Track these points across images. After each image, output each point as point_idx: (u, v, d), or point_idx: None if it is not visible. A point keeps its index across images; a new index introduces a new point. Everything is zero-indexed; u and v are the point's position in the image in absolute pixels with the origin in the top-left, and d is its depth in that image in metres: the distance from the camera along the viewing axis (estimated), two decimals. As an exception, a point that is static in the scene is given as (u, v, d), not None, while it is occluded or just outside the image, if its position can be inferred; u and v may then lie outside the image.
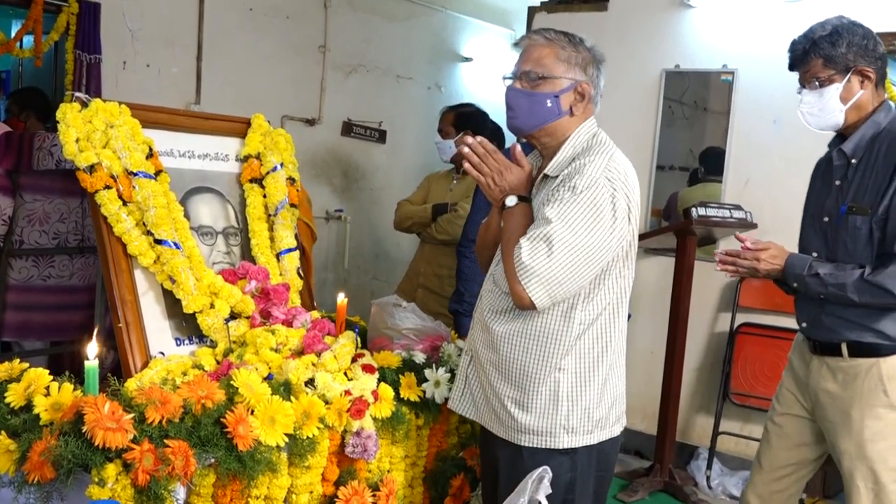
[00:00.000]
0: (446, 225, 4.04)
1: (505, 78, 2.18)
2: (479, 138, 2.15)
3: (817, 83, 2.44)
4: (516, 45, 2.22)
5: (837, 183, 2.50)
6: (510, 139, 4.49)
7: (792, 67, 2.52)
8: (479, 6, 6.84)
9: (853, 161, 2.46)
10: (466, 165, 2.15)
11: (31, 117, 4.47)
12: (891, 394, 2.38)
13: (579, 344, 2.08)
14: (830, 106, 2.44)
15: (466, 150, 2.13)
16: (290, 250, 2.77)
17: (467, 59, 6.74)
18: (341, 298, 2.62)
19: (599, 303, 2.09)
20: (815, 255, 2.48)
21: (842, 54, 2.41)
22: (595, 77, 2.16)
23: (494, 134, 4.07)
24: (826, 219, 2.51)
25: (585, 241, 1.96)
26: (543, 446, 2.09)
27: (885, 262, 2.34)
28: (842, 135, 2.52)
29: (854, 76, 2.42)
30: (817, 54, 2.43)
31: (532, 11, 5.25)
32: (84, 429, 1.71)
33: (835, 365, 2.47)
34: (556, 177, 2.08)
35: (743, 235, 2.57)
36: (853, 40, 2.41)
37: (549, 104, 2.10)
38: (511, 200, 2.10)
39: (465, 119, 4.09)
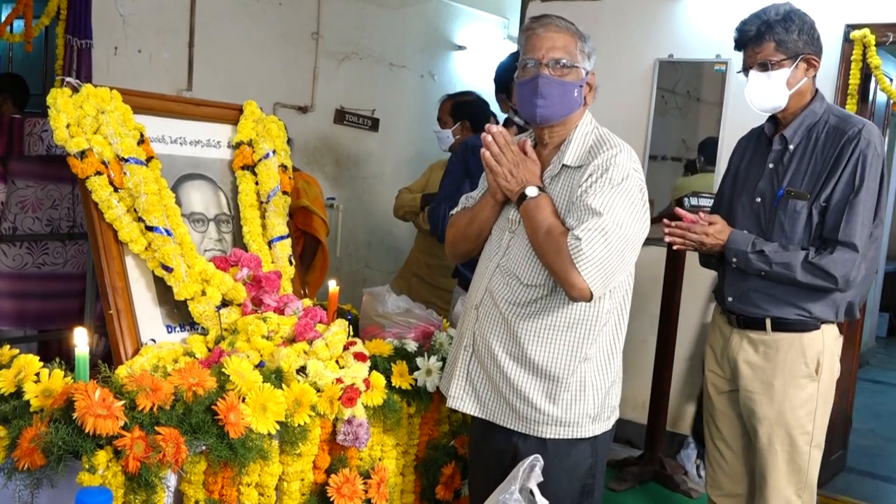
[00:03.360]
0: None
1: (529, 65, 2.14)
2: (498, 128, 2.16)
3: (768, 65, 2.50)
4: (529, 29, 2.18)
5: (771, 166, 2.59)
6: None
7: (739, 47, 2.59)
8: (473, -6, 6.82)
9: (790, 147, 2.56)
10: (486, 155, 2.15)
11: (8, 101, 4.42)
12: (810, 365, 2.54)
13: (603, 332, 2.13)
14: (777, 90, 2.51)
15: (489, 139, 2.15)
16: (281, 237, 2.76)
17: (461, 48, 6.73)
18: (333, 286, 2.62)
19: (619, 290, 2.15)
20: (745, 232, 2.57)
21: (794, 40, 2.49)
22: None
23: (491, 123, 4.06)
24: (759, 199, 2.60)
25: (631, 231, 2.03)
26: (570, 437, 2.12)
27: (829, 247, 2.46)
28: (774, 118, 2.63)
29: (801, 63, 2.51)
30: (771, 37, 2.49)
31: (526, 0, 5.23)
32: (74, 416, 1.71)
33: (757, 338, 2.60)
34: (579, 167, 2.11)
35: (682, 212, 2.63)
36: (804, 28, 2.50)
37: (576, 94, 2.14)
38: (533, 191, 2.11)
39: (462, 108, 4.07)
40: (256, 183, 2.78)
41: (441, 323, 2.71)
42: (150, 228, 2.35)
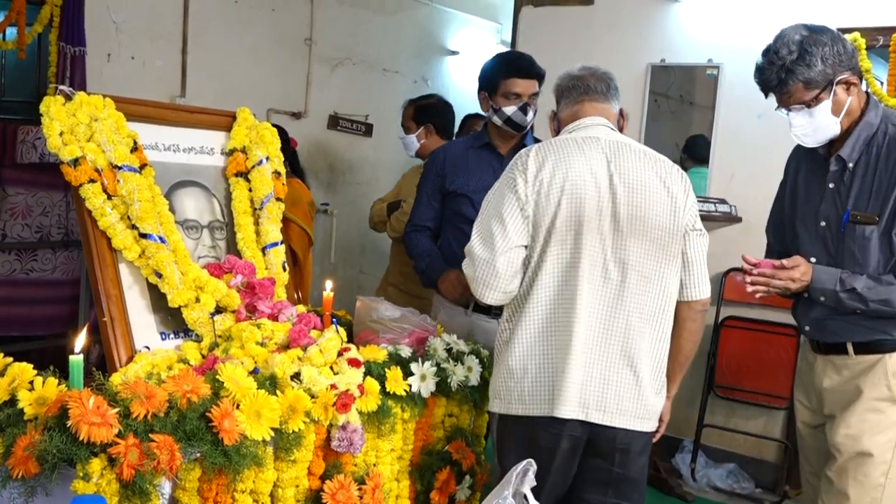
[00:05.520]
0: (395, 222, 4.01)
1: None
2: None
3: (805, 107, 2.35)
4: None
5: (832, 186, 2.41)
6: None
7: (767, 93, 2.42)
8: (466, 0, 6.83)
9: (850, 165, 2.38)
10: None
11: None
12: (894, 388, 2.35)
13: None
14: (824, 123, 2.35)
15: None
16: (275, 244, 2.77)
17: (454, 53, 6.74)
18: (328, 290, 2.61)
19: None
20: (813, 260, 2.39)
21: (821, 72, 2.30)
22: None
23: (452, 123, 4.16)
24: (823, 223, 2.43)
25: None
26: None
27: None
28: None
29: (839, 87, 2.33)
30: (795, 80, 2.31)
31: (518, 5, 5.24)
32: (69, 423, 1.71)
33: (840, 362, 2.43)
34: None
35: (753, 259, 2.43)
36: (826, 53, 2.30)
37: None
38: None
39: (425, 111, 4.08)
40: (250, 190, 2.78)
41: (435, 328, 2.71)
42: (143, 236, 2.35)
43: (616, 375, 2.22)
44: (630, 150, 2.32)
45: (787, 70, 2.31)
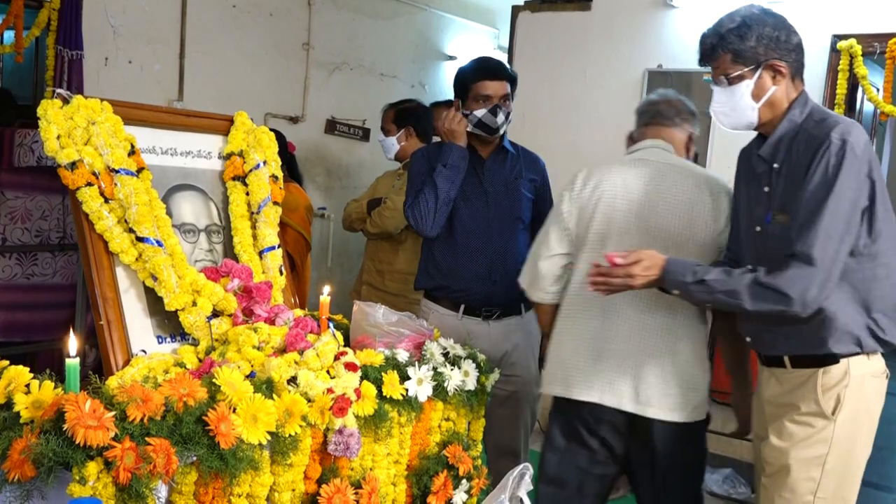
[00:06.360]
0: (377, 218, 4.04)
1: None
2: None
3: (726, 80, 2.27)
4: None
5: (766, 189, 2.30)
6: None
7: (702, 62, 2.36)
8: (464, 5, 6.85)
9: (775, 166, 2.27)
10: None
11: None
12: (824, 403, 2.21)
13: None
14: (742, 104, 2.27)
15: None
16: (272, 248, 2.77)
17: (451, 58, 6.75)
18: (325, 294, 2.61)
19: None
20: (749, 267, 2.23)
21: (751, 48, 2.22)
22: None
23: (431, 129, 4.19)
24: (758, 228, 2.31)
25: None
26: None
27: (784, 264, 2.12)
28: (762, 134, 2.35)
29: (765, 71, 2.23)
30: (725, 49, 2.25)
31: (516, 11, 5.26)
32: (65, 427, 1.71)
33: (780, 375, 2.32)
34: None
35: (612, 253, 2.28)
36: (763, 32, 2.22)
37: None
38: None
39: (405, 114, 4.14)
40: (247, 193, 2.78)
41: (432, 333, 2.71)
42: (140, 239, 2.35)
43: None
44: (679, 171, 2.52)
45: (720, 36, 2.26)
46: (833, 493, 2.23)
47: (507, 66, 3.19)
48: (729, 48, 2.25)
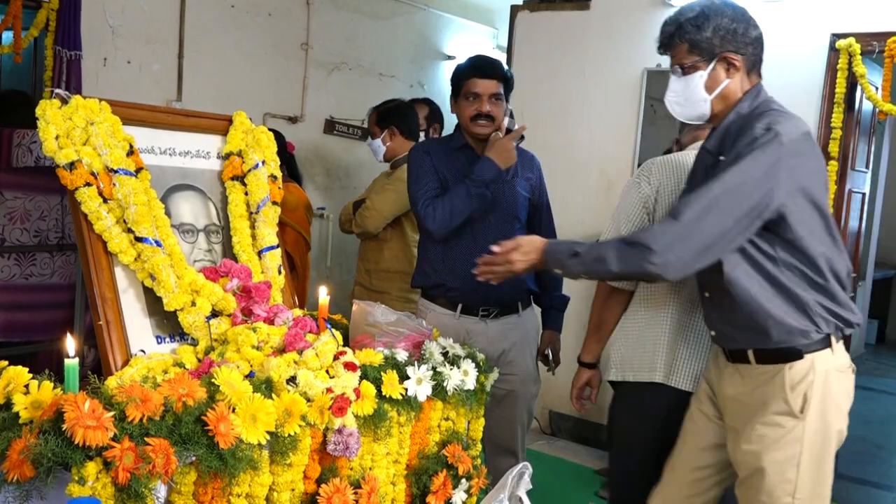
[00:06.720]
0: (358, 218, 4.09)
1: None
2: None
3: (681, 70, 2.27)
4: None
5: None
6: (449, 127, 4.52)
7: (660, 50, 2.37)
8: (463, 5, 6.84)
9: (721, 158, 2.21)
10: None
11: None
12: (792, 402, 2.17)
13: None
14: (695, 95, 2.26)
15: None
16: (271, 248, 2.77)
17: (450, 58, 6.75)
18: (324, 295, 2.61)
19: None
20: (570, 241, 2.26)
21: (707, 39, 2.22)
22: None
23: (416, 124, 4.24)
24: None
25: None
26: None
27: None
28: (715, 128, 2.33)
29: (719, 64, 2.23)
30: (682, 38, 2.26)
31: (515, 10, 5.26)
32: (64, 427, 1.71)
33: (745, 371, 2.28)
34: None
35: (494, 246, 2.37)
36: (720, 24, 2.21)
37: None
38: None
39: (387, 115, 4.19)
40: (246, 193, 2.78)
41: (431, 332, 2.71)
42: (139, 239, 2.35)
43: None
44: None
45: (678, 25, 2.27)
46: (810, 491, 2.19)
47: (503, 65, 3.18)
48: (685, 38, 2.25)
